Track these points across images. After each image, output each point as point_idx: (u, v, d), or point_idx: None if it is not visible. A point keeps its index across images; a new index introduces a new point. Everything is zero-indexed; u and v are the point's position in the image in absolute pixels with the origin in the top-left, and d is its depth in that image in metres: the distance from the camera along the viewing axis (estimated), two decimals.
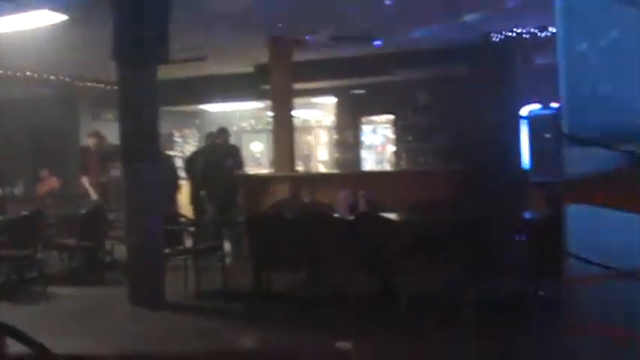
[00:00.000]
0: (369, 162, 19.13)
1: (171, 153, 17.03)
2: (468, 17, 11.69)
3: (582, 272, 4.16)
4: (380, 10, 11.49)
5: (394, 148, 18.35)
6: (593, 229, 4.10)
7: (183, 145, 21.35)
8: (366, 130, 19.23)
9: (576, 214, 4.15)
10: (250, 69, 16.84)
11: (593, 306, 4.21)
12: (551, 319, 4.82)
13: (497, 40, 13.94)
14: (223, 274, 9.98)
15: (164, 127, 11.34)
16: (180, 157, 18.65)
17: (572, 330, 4.34)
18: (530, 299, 7.75)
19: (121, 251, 10.96)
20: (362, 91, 17.92)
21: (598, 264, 4.04)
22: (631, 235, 3.99)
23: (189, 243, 10.54)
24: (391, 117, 18.36)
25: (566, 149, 4.20)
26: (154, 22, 9.25)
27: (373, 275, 9.08)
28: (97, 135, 13.67)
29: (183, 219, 11.64)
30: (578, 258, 4.10)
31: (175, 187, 14.25)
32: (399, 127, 18.08)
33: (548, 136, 13.53)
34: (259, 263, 9.24)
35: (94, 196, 13.10)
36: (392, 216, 9.29)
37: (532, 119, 14.43)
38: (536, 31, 13.40)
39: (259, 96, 17.17)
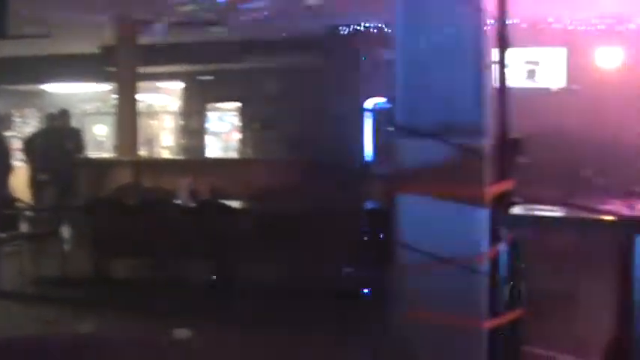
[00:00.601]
0: (215, 149, 19.08)
1: (9, 134, 16.39)
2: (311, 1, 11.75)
3: (413, 260, 4.33)
4: None
5: (240, 136, 18.36)
6: (422, 219, 4.27)
7: (23, 126, 20.57)
8: (212, 116, 19.16)
9: (407, 204, 4.31)
10: (96, 50, 16.44)
11: (422, 293, 4.38)
12: (385, 307, 4.99)
13: (345, 33, 14.16)
14: (62, 261, 9.73)
15: (2, 106, 10.94)
16: (19, 138, 17.97)
17: (404, 317, 4.50)
18: (366, 287, 7.98)
19: None
20: (209, 78, 17.82)
21: (427, 252, 4.21)
22: (458, 224, 4.19)
23: (26, 228, 10.21)
24: (238, 104, 18.36)
25: (399, 141, 4.35)
26: None
27: (214, 262, 9.10)
28: None
29: (19, 203, 11.27)
30: (409, 247, 4.26)
31: (9, 170, 13.72)
32: (245, 114, 18.10)
33: (391, 128, 13.83)
34: (99, 249, 9.11)
35: None
36: (234, 204, 9.33)
37: (376, 112, 14.73)
38: (383, 25, 13.71)
39: (104, 78, 16.77)
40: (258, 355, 6.62)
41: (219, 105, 19.04)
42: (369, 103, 14.61)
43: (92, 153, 16.91)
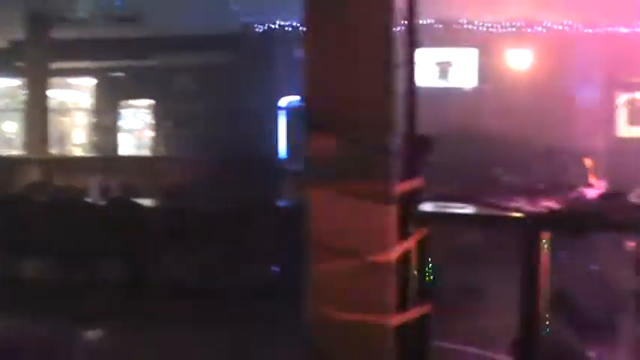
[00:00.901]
0: (128, 146, 18.84)
1: None
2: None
3: (323, 258, 4.35)
4: None
5: (153, 134, 18.18)
6: (332, 216, 4.29)
7: None
8: (125, 114, 18.91)
9: (318, 201, 4.33)
10: (5, 44, 16.08)
11: (333, 290, 4.41)
12: (296, 304, 5.00)
13: (259, 31, 14.17)
14: None
15: None
16: None
17: (314, 314, 4.52)
18: (278, 284, 8.00)
19: None
20: (122, 74, 17.61)
21: (337, 249, 4.24)
22: (367, 221, 4.22)
23: None
24: (151, 102, 18.18)
25: (308, 138, 4.37)
26: None
27: (126, 261, 8.99)
28: None
29: None
30: (319, 244, 4.28)
31: None
32: (159, 112, 17.94)
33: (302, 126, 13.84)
34: (8, 249, 8.92)
35: None
36: (146, 202, 9.25)
37: (291, 110, 14.78)
38: (298, 24, 13.75)
39: (14, 73, 16.42)
40: (171, 354, 6.58)
41: (132, 102, 18.82)
42: (284, 102, 14.66)
43: (0, 150, 16.54)
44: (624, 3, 11.75)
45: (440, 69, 13.94)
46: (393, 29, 4.31)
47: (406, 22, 4.41)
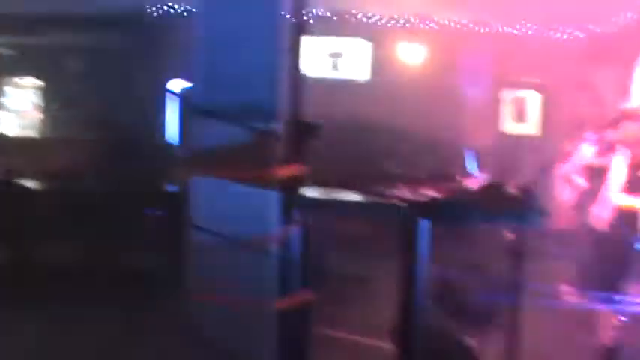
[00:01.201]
0: (13, 127, 18.29)
1: None
2: None
3: (206, 242, 4.33)
4: None
5: (41, 114, 17.70)
6: (216, 201, 4.28)
7: None
8: (10, 93, 18.35)
9: (202, 186, 4.31)
10: None
11: (216, 274, 4.40)
12: (179, 289, 4.97)
13: (153, 13, 13.97)
14: None
15: None
16: None
17: (197, 298, 4.50)
18: (161, 269, 7.94)
19: None
20: (8, 51, 17.08)
21: (220, 234, 4.23)
22: (250, 206, 4.23)
23: None
24: (39, 81, 17.70)
25: (195, 123, 4.34)
26: None
27: (7, 245, 8.77)
28: None
29: None
30: (202, 229, 4.26)
31: None
32: (47, 92, 17.47)
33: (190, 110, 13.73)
34: None
35: None
36: (31, 184, 9.05)
37: (181, 95, 14.61)
38: (192, 9, 13.60)
39: None
40: (52, 338, 6.46)
41: (19, 81, 18.26)
42: (175, 86, 14.50)
43: None
44: (513, 5, 12.10)
45: (332, 60, 14.01)
46: (282, 14, 4.32)
47: (294, 9, 4.42)
